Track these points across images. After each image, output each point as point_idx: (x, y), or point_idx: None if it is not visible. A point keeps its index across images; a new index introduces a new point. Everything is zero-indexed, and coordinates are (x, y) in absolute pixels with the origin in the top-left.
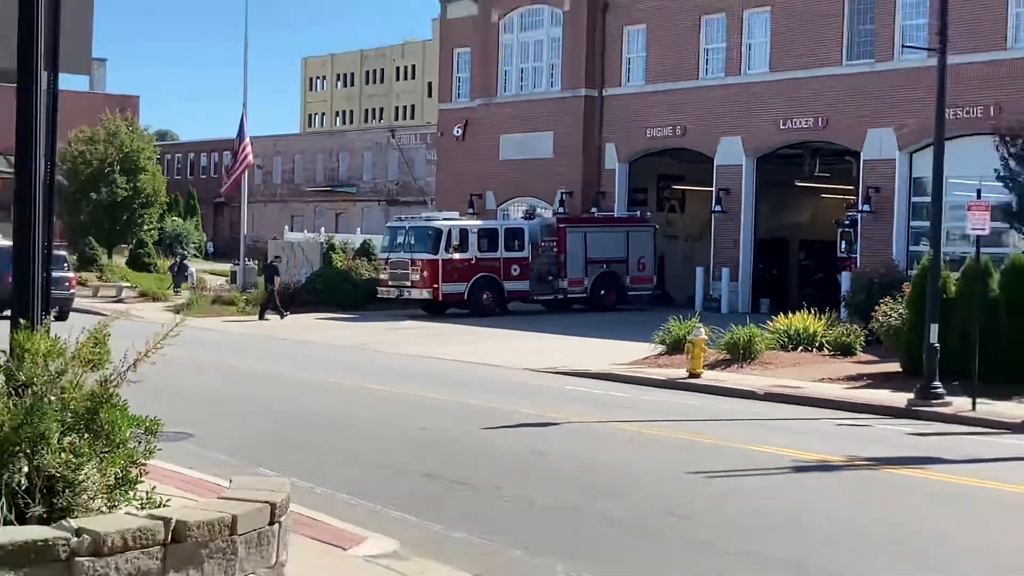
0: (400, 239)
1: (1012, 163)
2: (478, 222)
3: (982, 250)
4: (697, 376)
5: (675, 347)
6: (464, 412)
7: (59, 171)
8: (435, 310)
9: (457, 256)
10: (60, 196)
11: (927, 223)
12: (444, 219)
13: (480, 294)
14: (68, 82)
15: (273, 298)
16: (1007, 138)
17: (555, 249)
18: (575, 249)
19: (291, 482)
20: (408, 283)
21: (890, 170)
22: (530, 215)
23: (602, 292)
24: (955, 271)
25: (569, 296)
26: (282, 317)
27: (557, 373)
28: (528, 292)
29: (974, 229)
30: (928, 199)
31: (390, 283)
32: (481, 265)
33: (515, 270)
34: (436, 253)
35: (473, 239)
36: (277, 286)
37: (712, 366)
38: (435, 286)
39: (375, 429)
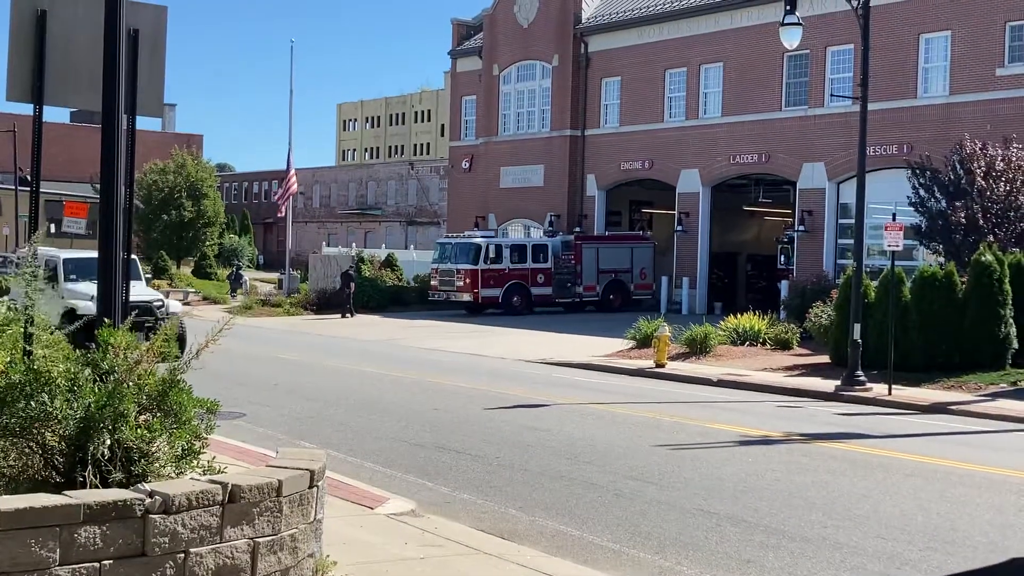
0: (447, 253)
1: (922, 191)
2: (510, 239)
3: (896, 263)
4: (662, 366)
5: (644, 342)
6: (471, 395)
7: (136, 196)
8: (475, 310)
9: (493, 267)
10: (137, 217)
11: (851, 240)
12: (481, 237)
13: (511, 297)
14: (144, 123)
15: (348, 300)
16: (918, 171)
17: (572, 261)
18: (589, 261)
19: (327, 453)
20: (454, 288)
21: (821, 197)
22: (552, 233)
23: (611, 296)
24: (874, 280)
25: (584, 300)
26: (352, 316)
27: (548, 363)
28: (551, 296)
29: (890, 246)
30: (852, 221)
31: (439, 288)
32: (513, 274)
33: (540, 278)
34: (476, 264)
35: (506, 253)
36: (352, 290)
37: (675, 358)
38: (475, 291)
39: (396, 409)
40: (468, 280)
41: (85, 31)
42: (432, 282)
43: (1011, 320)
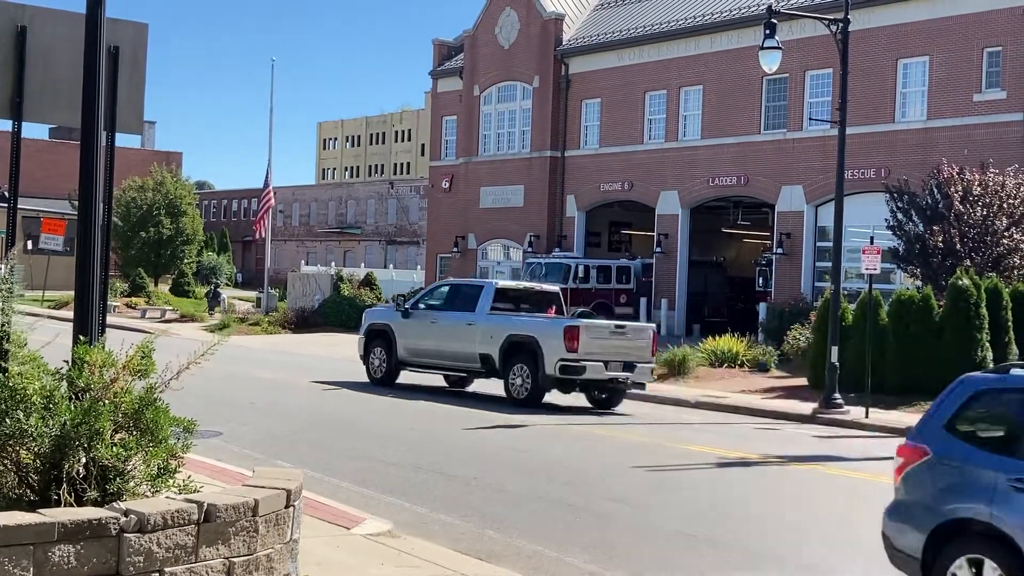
0: (536, 272)
1: (900, 215)
2: (597, 260)
3: (874, 286)
4: (641, 387)
5: None
6: (449, 415)
7: (114, 213)
8: None
9: (582, 286)
10: (115, 234)
11: (829, 263)
12: (568, 257)
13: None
14: (123, 140)
15: None
16: (895, 194)
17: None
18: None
19: (303, 472)
20: None
21: (799, 220)
22: (633, 256)
23: (692, 318)
24: (852, 303)
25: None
26: None
27: None
28: (632, 317)
29: (867, 269)
30: (830, 244)
31: None
32: (598, 293)
33: (623, 298)
34: (566, 283)
35: (593, 273)
36: None
37: None
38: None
39: (373, 429)
40: None
41: (65, 47)
42: None
43: (987, 344)
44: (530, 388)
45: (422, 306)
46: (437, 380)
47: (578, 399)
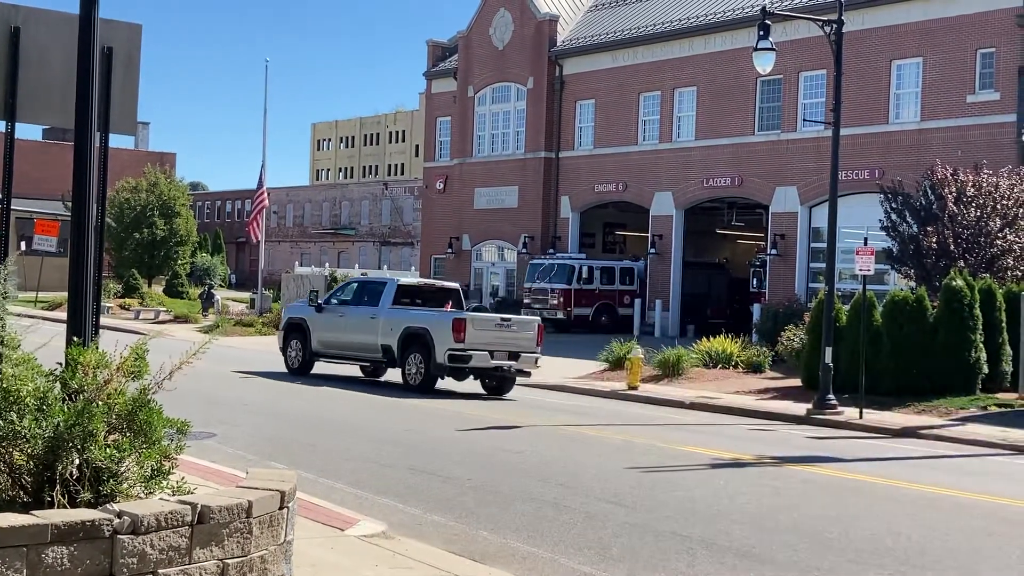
0: (540, 272)
1: (894, 216)
2: (601, 262)
3: (868, 287)
4: (635, 388)
5: (617, 364)
6: (443, 416)
7: (108, 214)
8: (563, 329)
9: (586, 287)
10: (108, 235)
11: (823, 264)
12: (572, 258)
13: (600, 317)
14: (117, 141)
15: None
16: (889, 195)
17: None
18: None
19: (297, 474)
20: (547, 306)
21: (793, 221)
22: (636, 257)
23: (688, 319)
24: (846, 304)
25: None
26: None
27: (520, 385)
28: (631, 317)
29: (861, 270)
30: (824, 245)
31: (533, 307)
32: (602, 294)
33: (626, 299)
34: (570, 284)
35: (597, 274)
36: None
37: (647, 380)
38: (568, 309)
39: (367, 430)
40: (562, 299)
41: (59, 48)
42: (524, 300)
43: (981, 345)
44: (423, 375)
45: (334, 301)
46: (354, 370)
47: (474, 387)
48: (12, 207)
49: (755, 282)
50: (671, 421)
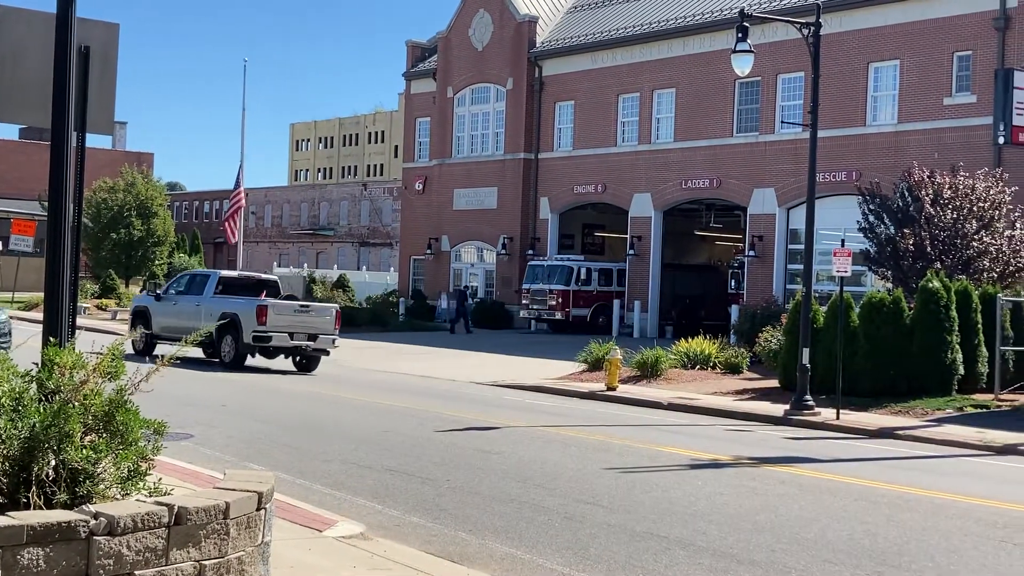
0: (539, 273)
1: (871, 218)
2: (599, 263)
3: (845, 289)
4: (613, 389)
5: (596, 365)
6: (422, 418)
7: (85, 215)
8: (561, 329)
9: (583, 288)
10: (85, 235)
11: (801, 266)
12: (571, 260)
13: (597, 317)
14: (94, 141)
15: (465, 316)
16: (867, 197)
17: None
18: (667, 286)
19: (275, 475)
20: (546, 307)
21: (771, 222)
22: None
23: (683, 321)
24: (823, 305)
25: (661, 321)
26: (468, 332)
27: (499, 386)
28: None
29: (838, 271)
30: (802, 246)
31: (531, 307)
32: (600, 295)
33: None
34: (568, 285)
35: (595, 276)
36: (469, 307)
37: (625, 381)
38: (566, 310)
39: (346, 431)
40: (560, 300)
41: (35, 47)
42: (523, 301)
43: (957, 346)
44: (234, 353)
45: (172, 291)
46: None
47: (286, 364)
48: None
49: (733, 283)
50: (649, 422)
